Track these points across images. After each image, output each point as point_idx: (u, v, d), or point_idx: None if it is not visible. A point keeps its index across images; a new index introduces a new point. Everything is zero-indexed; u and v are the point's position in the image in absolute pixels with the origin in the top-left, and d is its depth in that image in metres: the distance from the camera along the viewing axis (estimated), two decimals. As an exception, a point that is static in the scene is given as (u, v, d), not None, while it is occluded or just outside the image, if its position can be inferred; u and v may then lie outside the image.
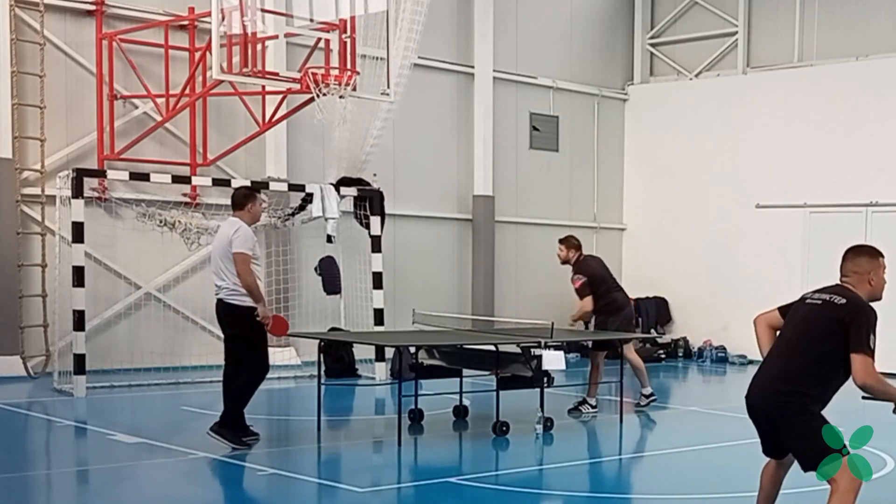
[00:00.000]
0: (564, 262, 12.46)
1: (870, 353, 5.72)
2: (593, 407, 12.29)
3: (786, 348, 5.94)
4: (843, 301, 5.80)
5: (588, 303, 12.33)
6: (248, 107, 15.51)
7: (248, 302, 9.56)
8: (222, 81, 13.83)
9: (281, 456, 9.81)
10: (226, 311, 9.72)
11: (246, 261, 9.45)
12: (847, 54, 18.70)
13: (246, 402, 9.76)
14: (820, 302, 5.88)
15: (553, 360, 10.58)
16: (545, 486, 9.02)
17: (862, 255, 6.03)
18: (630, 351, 12.53)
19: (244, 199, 9.79)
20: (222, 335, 10.12)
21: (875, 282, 5.99)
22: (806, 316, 5.93)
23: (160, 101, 15.12)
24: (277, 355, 15.98)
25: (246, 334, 9.66)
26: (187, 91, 14.80)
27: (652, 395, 12.71)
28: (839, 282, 6.01)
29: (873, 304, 5.92)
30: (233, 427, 9.66)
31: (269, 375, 15.24)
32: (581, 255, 12.45)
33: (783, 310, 6.20)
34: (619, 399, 12.42)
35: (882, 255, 6.09)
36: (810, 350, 5.80)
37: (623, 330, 12.43)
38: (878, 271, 6.01)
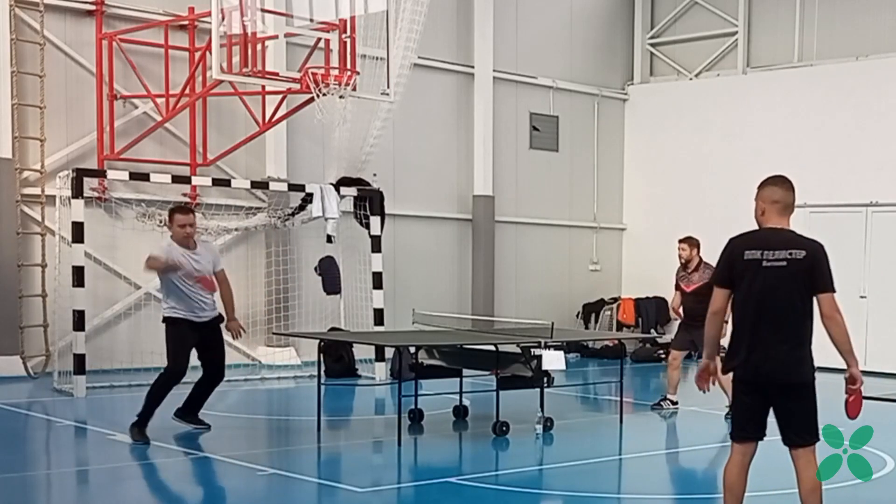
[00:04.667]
0: (687, 261, 12.29)
1: (834, 290, 5.95)
2: (674, 403, 12.53)
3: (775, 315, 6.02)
4: (804, 253, 5.94)
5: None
6: (248, 107, 15.51)
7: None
8: (222, 81, 13.83)
9: (281, 456, 9.81)
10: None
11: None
12: (847, 54, 18.70)
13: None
14: (785, 263, 5.95)
15: (553, 360, 10.58)
16: (545, 486, 9.01)
17: (790, 186, 6.15)
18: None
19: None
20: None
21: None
22: (776, 279, 5.99)
23: (160, 101, 15.12)
24: (277, 355, 16.03)
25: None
26: (187, 91, 14.80)
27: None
28: (777, 223, 6.09)
29: None
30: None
31: (268, 375, 15.42)
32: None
33: (722, 281, 6.20)
34: (619, 399, 12.43)
35: None
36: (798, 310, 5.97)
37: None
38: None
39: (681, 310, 12.54)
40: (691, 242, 12.38)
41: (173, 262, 9.90)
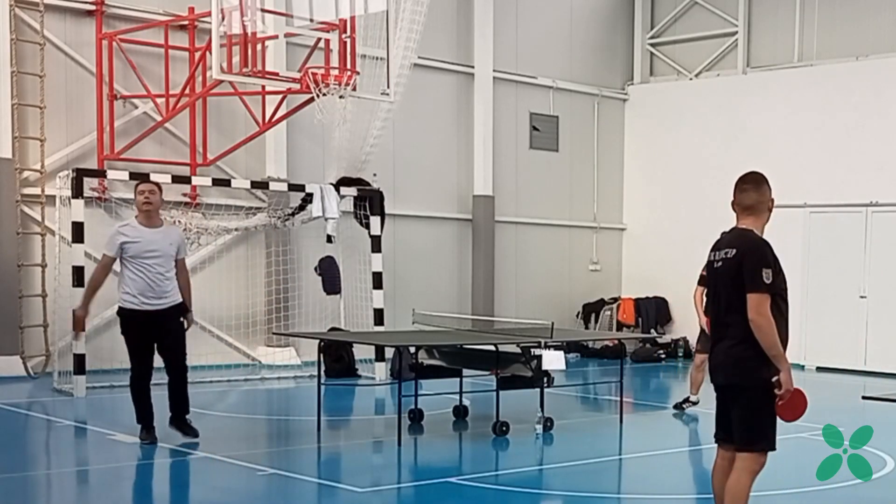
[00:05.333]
0: None
1: (764, 290, 5.76)
2: (694, 403, 12.47)
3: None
4: (735, 251, 5.90)
5: None
6: (248, 107, 15.51)
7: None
8: (222, 81, 13.83)
9: (281, 456, 9.81)
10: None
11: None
12: (847, 54, 18.70)
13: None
14: (721, 262, 5.98)
15: (553, 360, 10.58)
16: (545, 486, 9.02)
17: (752, 186, 6.08)
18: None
19: None
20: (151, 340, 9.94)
21: (772, 206, 6.15)
22: (718, 279, 6.02)
23: (160, 101, 15.13)
24: (277, 355, 16.04)
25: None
26: (187, 91, 14.80)
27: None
28: (741, 224, 6.07)
29: None
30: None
31: (269, 375, 15.40)
32: None
33: (702, 280, 6.50)
34: (619, 399, 12.43)
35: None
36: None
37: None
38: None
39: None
40: None
41: (79, 317, 10.00)
